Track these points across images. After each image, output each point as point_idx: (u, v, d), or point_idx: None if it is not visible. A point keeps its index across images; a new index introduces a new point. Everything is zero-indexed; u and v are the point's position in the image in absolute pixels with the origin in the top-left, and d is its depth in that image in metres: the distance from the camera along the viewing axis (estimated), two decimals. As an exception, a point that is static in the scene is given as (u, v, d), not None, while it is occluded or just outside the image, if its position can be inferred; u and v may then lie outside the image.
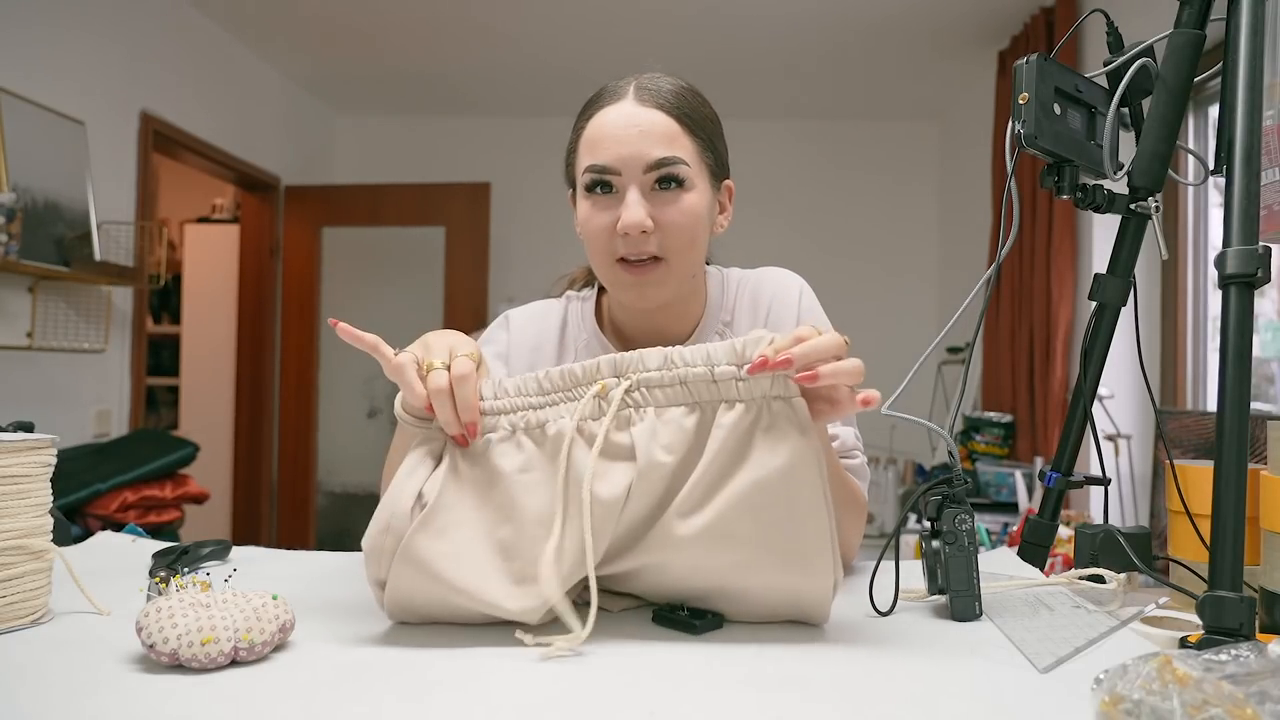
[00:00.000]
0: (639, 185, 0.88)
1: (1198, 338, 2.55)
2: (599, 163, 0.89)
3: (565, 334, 1.02)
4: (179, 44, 3.37)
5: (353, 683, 0.59)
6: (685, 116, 0.91)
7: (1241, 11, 0.79)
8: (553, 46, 3.80)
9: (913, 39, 3.62)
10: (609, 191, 0.89)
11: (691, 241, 0.91)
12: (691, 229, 0.90)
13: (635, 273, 0.89)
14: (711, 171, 0.94)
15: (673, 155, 0.88)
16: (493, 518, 0.69)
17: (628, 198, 0.88)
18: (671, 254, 0.89)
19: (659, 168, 0.88)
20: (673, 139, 0.89)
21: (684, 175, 0.89)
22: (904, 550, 2.56)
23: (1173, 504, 0.89)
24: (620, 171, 0.88)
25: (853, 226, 4.69)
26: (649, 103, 0.89)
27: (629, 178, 0.88)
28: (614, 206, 0.89)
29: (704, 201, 0.91)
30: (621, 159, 0.88)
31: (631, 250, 0.88)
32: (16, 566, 0.69)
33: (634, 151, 0.87)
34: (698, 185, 0.90)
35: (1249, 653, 0.48)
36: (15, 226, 2.32)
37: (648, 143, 0.88)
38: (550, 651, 0.64)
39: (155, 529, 2.56)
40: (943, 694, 0.58)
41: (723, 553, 0.68)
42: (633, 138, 0.88)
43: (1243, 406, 0.71)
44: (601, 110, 0.91)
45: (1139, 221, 0.93)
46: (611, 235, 0.89)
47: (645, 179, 0.88)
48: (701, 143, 0.92)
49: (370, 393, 4.47)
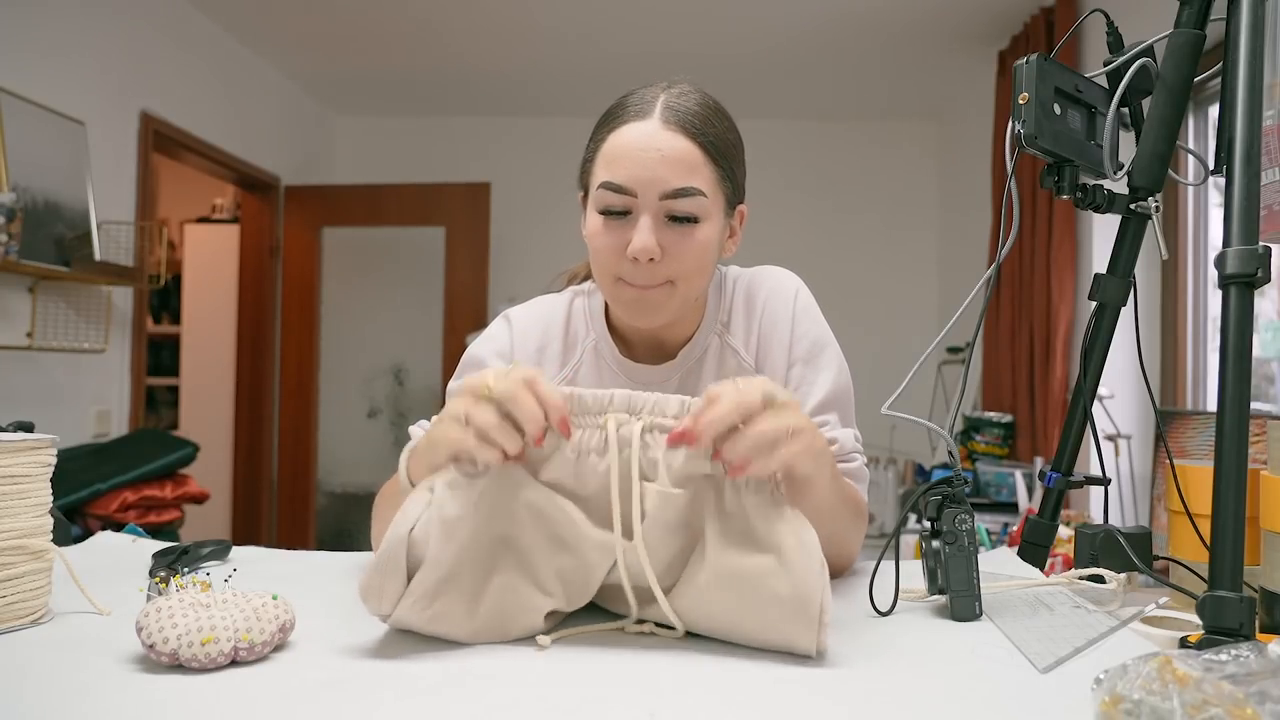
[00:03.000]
0: (652, 212, 0.86)
1: (1198, 338, 2.54)
2: (615, 181, 0.86)
3: (569, 332, 1.00)
4: (179, 44, 3.37)
5: (353, 683, 0.59)
6: (710, 144, 0.87)
7: (1241, 11, 0.79)
8: (553, 47, 3.80)
9: (913, 39, 3.62)
10: (622, 213, 0.87)
11: (699, 271, 0.90)
12: (700, 260, 0.89)
13: (637, 290, 0.88)
14: (727, 199, 0.92)
15: (691, 186, 0.86)
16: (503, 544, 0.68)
17: (640, 223, 0.85)
18: (678, 279, 0.88)
19: (676, 197, 0.85)
20: (693, 169, 0.86)
21: (700, 210, 0.87)
22: (904, 550, 2.56)
23: (1172, 504, 0.89)
24: (636, 194, 0.86)
25: (853, 226, 4.69)
26: (674, 125, 0.86)
27: (644, 202, 0.86)
28: (625, 229, 0.87)
29: (715, 232, 0.90)
30: (639, 181, 0.85)
31: (638, 278, 0.87)
32: (16, 566, 0.69)
33: (653, 176, 0.85)
34: (711, 216, 0.88)
35: (1249, 653, 0.48)
36: (15, 226, 2.32)
37: (667, 168, 0.85)
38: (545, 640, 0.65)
39: (155, 529, 2.56)
40: (943, 694, 0.58)
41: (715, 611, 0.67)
42: (653, 161, 0.85)
43: (1243, 406, 0.70)
44: (625, 125, 0.87)
45: (1139, 221, 0.93)
46: (619, 256, 0.87)
47: (660, 206, 0.86)
48: (722, 171, 0.89)
49: (370, 393, 4.47)
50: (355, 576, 0.89)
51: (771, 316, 0.98)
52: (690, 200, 0.86)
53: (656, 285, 0.88)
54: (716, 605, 0.66)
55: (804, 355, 0.96)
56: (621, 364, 0.98)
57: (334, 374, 4.37)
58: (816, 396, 0.95)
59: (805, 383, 0.96)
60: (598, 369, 0.99)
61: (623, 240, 0.86)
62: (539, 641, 0.66)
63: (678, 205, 0.86)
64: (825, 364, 0.96)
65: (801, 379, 0.96)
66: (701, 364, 0.98)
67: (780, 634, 0.64)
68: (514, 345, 0.99)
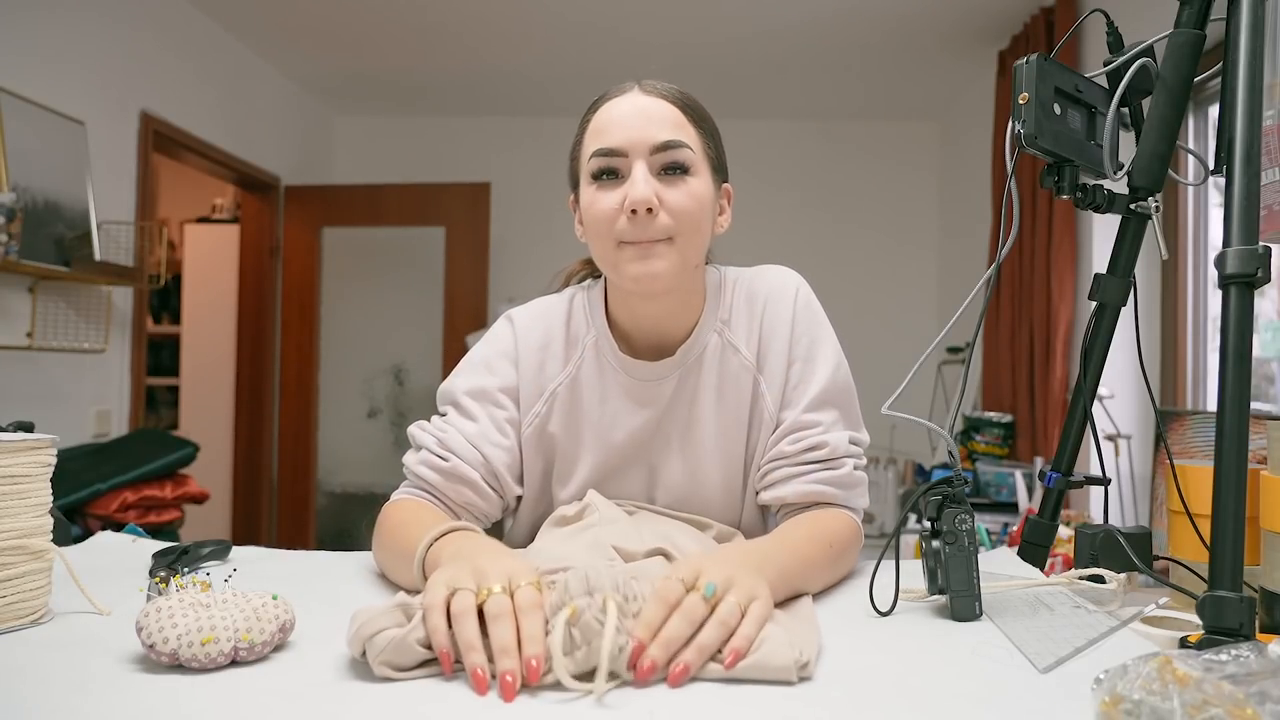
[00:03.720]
0: (646, 164, 0.89)
1: (1198, 338, 2.54)
2: (605, 145, 0.90)
3: (570, 332, 1.01)
4: (179, 44, 3.37)
5: (353, 683, 0.59)
6: (689, 109, 0.93)
7: (1241, 11, 0.79)
8: (553, 46, 3.80)
9: (913, 39, 3.62)
10: (615, 176, 0.90)
11: (697, 227, 0.91)
12: (697, 214, 0.91)
13: (640, 248, 0.89)
14: (713, 167, 0.95)
15: (678, 139, 0.90)
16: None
17: (634, 174, 0.89)
18: (678, 235, 0.90)
19: (666, 149, 0.89)
20: (679, 125, 0.91)
21: (689, 161, 0.90)
22: (904, 550, 2.56)
23: (1173, 504, 0.89)
24: (627, 153, 0.89)
25: (853, 226, 4.69)
26: (654, 94, 0.92)
27: (635, 157, 0.89)
28: (619, 188, 0.90)
29: (708, 191, 0.93)
30: (629, 140, 0.89)
31: (638, 234, 0.89)
32: (16, 566, 0.69)
33: (641, 134, 0.89)
34: (702, 173, 0.92)
35: (1249, 653, 0.49)
36: (15, 226, 2.32)
37: (654, 126, 0.90)
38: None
39: (155, 529, 2.56)
40: (943, 694, 0.58)
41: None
42: (640, 123, 0.90)
43: (1243, 406, 0.71)
44: (608, 103, 0.93)
45: (1139, 221, 0.93)
46: (616, 216, 0.89)
47: (652, 160, 0.89)
48: (705, 135, 0.94)
49: (370, 393, 4.47)
50: (356, 577, 0.89)
51: (773, 315, 0.98)
52: (679, 151, 0.90)
53: (658, 241, 0.89)
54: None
55: (803, 353, 0.97)
56: (621, 360, 0.98)
57: (334, 374, 4.37)
58: (812, 392, 0.95)
59: (803, 380, 0.96)
60: (599, 366, 0.99)
61: (619, 197, 0.89)
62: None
63: (667, 156, 0.90)
64: (823, 360, 0.97)
65: (800, 376, 0.96)
66: (701, 361, 0.98)
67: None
68: (517, 345, 1.00)
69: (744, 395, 0.97)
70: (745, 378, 0.97)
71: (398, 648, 0.60)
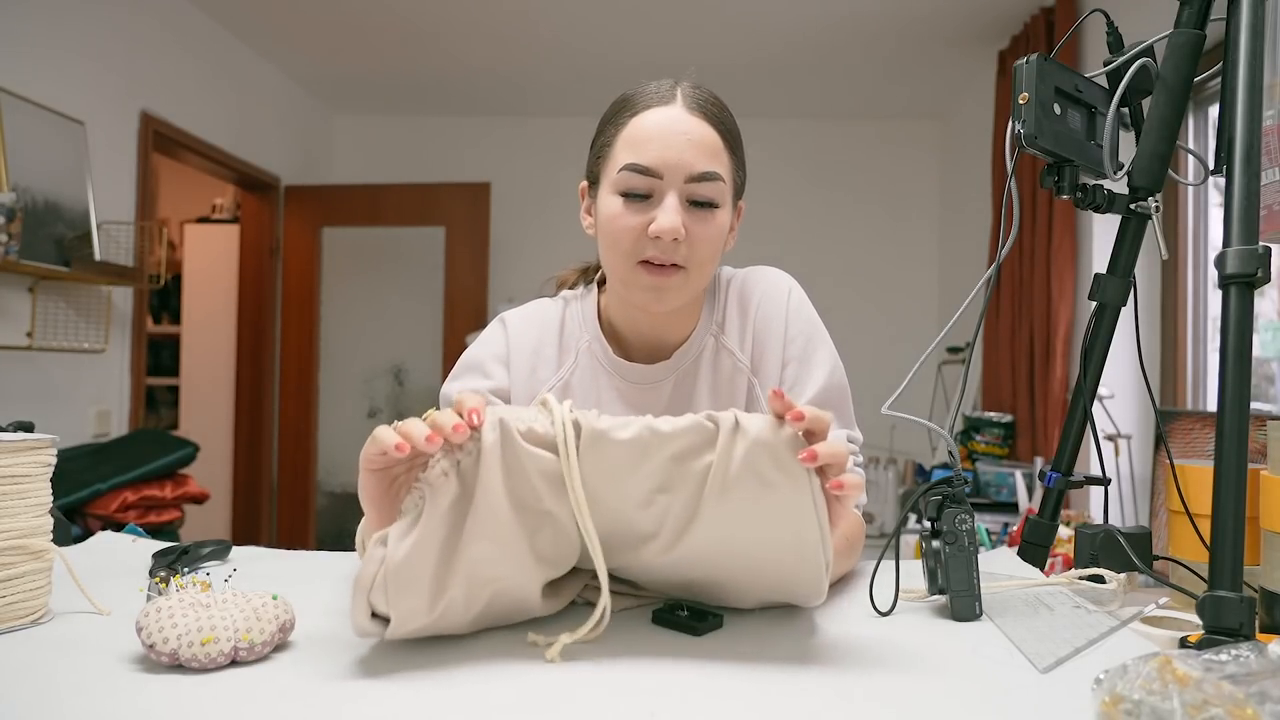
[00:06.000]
0: (678, 193, 0.88)
1: (1198, 338, 2.54)
2: (642, 163, 0.88)
3: (564, 335, 1.01)
4: (179, 44, 3.37)
5: (353, 683, 0.59)
6: (728, 133, 0.91)
7: (1241, 11, 0.79)
8: (554, 47, 3.80)
9: (913, 39, 3.62)
10: (644, 196, 0.88)
11: (710, 259, 0.91)
12: (716, 246, 0.91)
13: (656, 275, 0.89)
14: (735, 190, 0.94)
15: (714, 170, 0.88)
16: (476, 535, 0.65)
17: (665, 202, 0.87)
18: (693, 265, 0.90)
19: (699, 181, 0.88)
20: (715, 154, 0.89)
21: (719, 196, 0.89)
22: (904, 550, 2.56)
23: (1173, 504, 0.89)
24: (662, 175, 0.88)
25: (853, 226, 4.69)
26: (698, 111, 0.89)
27: (670, 183, 0.88)
28: (647, 210, 0.88)
29: (728, 220, 0.93)
30: (666, 163, 0.87)
31: (661, 255, 0.88)
32: (16, 566, 0.69)
33: (680, 159, 0.87)
34: (725, 204, 0.91)
35: (1249, 653, 0.48)
36: (15, 226, 2.32)
37: (694, 152, 0.88)
38: (554, 651, 0.64)
39: (155, 529, 2.56)
40: (943, 694, 0.58)
41: (714, 558, 0.68)
42: (680, 144, 0.87)
43: (1243, 406, 0.71)
44: (649, 110, 0.90)
45: (1139, 221, 0.93)
46: (640, 237, 0.88)
47: (685, 189, 0.88)
48: (736, 161, 0.93)
49: (370, 393, 4.47)
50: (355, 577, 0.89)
51: (765, 317, 0.98)
52: (712, 185, 0.88)
53: (672, 266, 0.89)
54: (715, 548, 0.67)
55: (798, 354, 0.97)
56: (616, 364, 0.98)
57: (334, 374, 4.37)
58: (809, 394, 0.95)
59: (798, 381, 0.96)
60: (593, 370, 0.99)
61: (645, 220, 0.88)
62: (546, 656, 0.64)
63: (700, 189, 0.88)
64: (818, 362, 0.97)
65: (795, 378, 0.96)
66: (697, 365, 0.98)
67: (783, 579, 0.67)
68: (510, 348, 0.99)
69: (739, 398, 0.97)
70: (740, 380, 0.97)
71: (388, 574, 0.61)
